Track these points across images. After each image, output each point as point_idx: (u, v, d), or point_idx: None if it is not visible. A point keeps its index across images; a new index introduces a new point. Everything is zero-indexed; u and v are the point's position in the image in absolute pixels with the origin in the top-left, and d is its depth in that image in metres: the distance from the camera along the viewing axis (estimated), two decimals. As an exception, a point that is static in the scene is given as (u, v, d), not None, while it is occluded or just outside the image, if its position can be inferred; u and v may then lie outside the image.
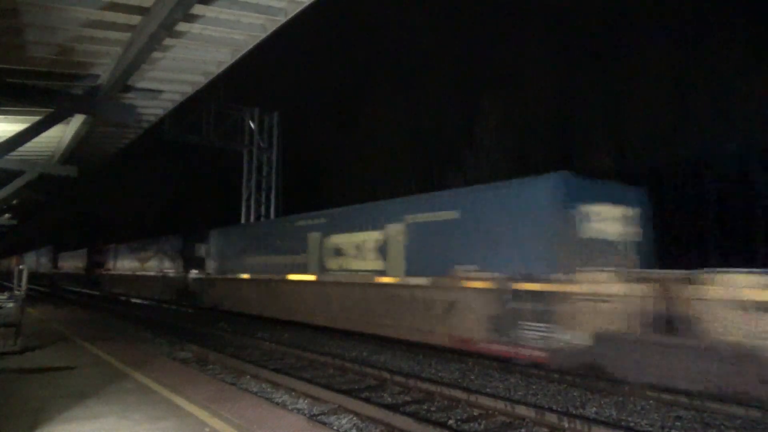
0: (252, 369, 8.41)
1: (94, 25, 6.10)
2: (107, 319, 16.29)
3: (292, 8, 6.23)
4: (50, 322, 13.64)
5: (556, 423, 5.60)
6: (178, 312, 19.38)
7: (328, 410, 6.31)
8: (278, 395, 7.09)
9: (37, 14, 5.74)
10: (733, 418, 5.98)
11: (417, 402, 6.79)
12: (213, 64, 7.80)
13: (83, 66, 7.28)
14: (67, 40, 6.46)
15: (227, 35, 6.85)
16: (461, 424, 5.91)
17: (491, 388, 7.49)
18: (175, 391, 6.16)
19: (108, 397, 5.87)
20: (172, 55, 7.32)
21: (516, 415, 5.99)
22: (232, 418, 5.14)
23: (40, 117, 8.13)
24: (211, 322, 15.50)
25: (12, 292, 9.55)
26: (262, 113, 22.59)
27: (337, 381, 7.96)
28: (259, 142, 22.49)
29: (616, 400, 6.77)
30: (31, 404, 5.53)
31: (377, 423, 5.78)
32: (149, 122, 10.59)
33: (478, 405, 6.41)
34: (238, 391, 6.61)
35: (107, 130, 10.77)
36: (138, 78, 7.93)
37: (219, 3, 6.05)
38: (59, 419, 5.02)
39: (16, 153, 9.71)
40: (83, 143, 10.95)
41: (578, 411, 6.31)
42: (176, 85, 8.61)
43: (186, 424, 4.92)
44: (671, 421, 5.97)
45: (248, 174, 22.58)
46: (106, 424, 4.93)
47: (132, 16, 5.98)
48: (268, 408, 5.72)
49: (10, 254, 57.07)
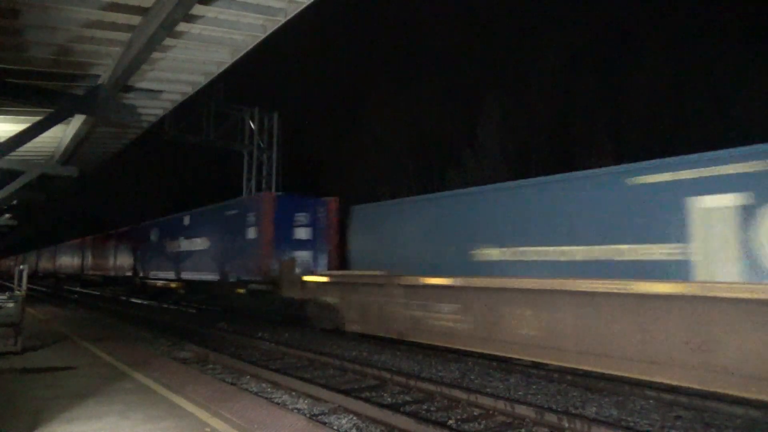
0: (252, 369, 8.41)
1: (94, 25, 6.10)
2: (107, 319, 16.28)
3: (292, 8, 6.23)
4: (50, 322, 13.65)
5: (556, 423, 5.60)
6: (178, 312, 19.38)
7: (328, 410, 6.32)
8: (278, 395, 7.10)
9: (37, 14, 5.74)
10: (733, 418, 5.98)
11: (417, 402, 6.79)
12: (213, 64, 7.80)
13: (83, 66, 7.28)
14: (67, 40, 6.46)
15: (227, 35, 6.85)
16: (461, 424, 5.91)
17: (491, 388, 7.49)
18: (176, 391, 6.16)
19: (108, 397, 5.88)
20: (172, 55, 7.32)
21: (516, 415, 5.99)
22: (232, 417, 5.14)
23: (40, 117, 8.12)
24: (211, 322, 15.49)
25: (12, 292, 9.54)
26: (262, 113, 22.60)
27: (337, 381, 7.96)
28: (259, 142, 22.49)
29: (616, 400, 6.77)
30: (32, 404, 5.54)
31: (377, 423, 5.78)
32: (149, 122, 10.59)
33: (478, 405, 6.41)
34: (238, 391, 6.61)
35: (107, 130, 10.77)
36: (138, 78, 7.93)
37: (219, 3, 6.05)
38: (60, 419, 5.03)
39: (16, 153, 9.70)
40: (83, 143, 10.94)
41: (578, 411, 6.31)
42: (176, 85, 8.61)
43: (186, 424, 4.92)
44: (671, 421, 5.97)
45: (248, 174, 22.58)
46: (106, 424, 4.93)
47: (132, 16, 5.97)
48: (268, 408, 5.72)
49: (16, 253, 57.51)
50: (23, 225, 35.73)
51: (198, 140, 21.25)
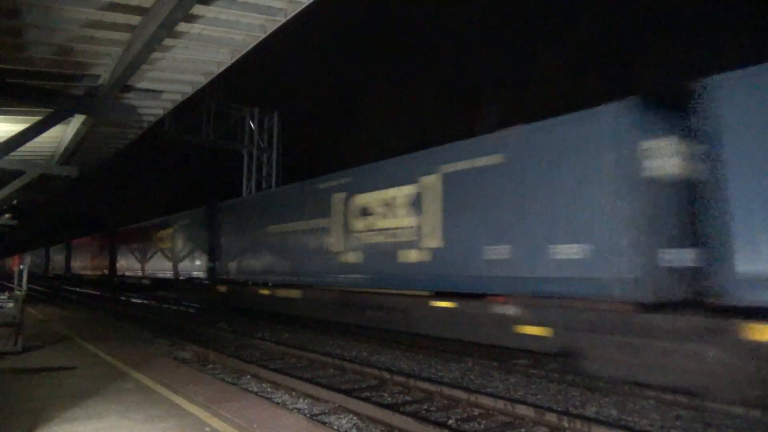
0: (252, 369, 8.41)
1: (94, 25, 6.10)
2: (107, 318, 16.28)
3: (292, 8, 6.23)
4: (51, 322, 13.65)
5: (556, 423, 5.60)
6: (178, 312, 19.39)
7: (329, 410, 6.32)
8: (278, 395, 7.10)
9: (37, 14, 5.74)
10: (733, 418, 5.98)
11: (417, 402, 6.80)
12: (213, 64, 7.80)
13: (83, 66, 7.28)
14: (67, 40, 6.46)
15: (227, 35, 6.85)
16: (461, 423, 5.91)
17: (491, 387, 7.49)
18: (176, 391, 6.16)
19: (108, 396, 5.88)
20: (172, 55, 7.32)
21: (516, 414, 5.99)
22: (232, 417, 5.15)
23: (40, 117, 8.13)
24: (211, 322, 15.50)
25: (12, 292, 9.54)
26: (262, 113, 22.59)
27: (337, 381, 7.96)
28: (259, 142, 22.49)
29: (616, 400, 6.77)
30: (32, 404, 5.54)
31: (377, 423, 5.78)
32: (149, 122, 10.60)
33: (478, 405, 6.41)
34: (238, 391, 6.61)
35: (107, 130, 10.77)
36: (138, 78, 7.93)
37: (219, 3, 6.05)
38: (60, 419, 5.03)
39: (16, 153, 9.70)
40: (83, 143, 10.95)
41: (578, 411, 6.31)
42: (176, 85, 8.61)
43: (186, 424, 4.92)
44: (671, 421, 5.97)
45: (248, 174, 22.58)
46: (106, 424, 4.93)
47: (132, 17, 5.98)
48: (269, 408, 5.72)
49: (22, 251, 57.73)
50: (24, 224, 35.79)
51: (198, 140, 21.23)
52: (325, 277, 12.45)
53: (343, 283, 11.93)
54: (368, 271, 11.13)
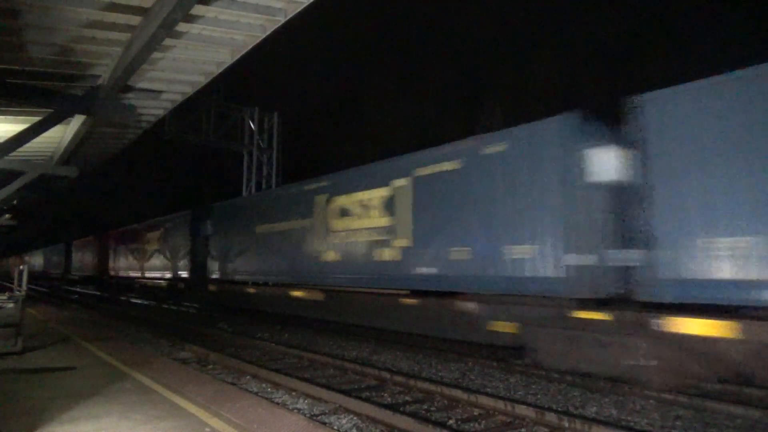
0: (252, 369, 8.41)
1: (94, 25, 6.10)
2: (107, 319, 16.29)
3: (292, 8, 6.23)
4: (51, 322, 13.65)
5: (556, 423, 5.60)
6: (178, 312, 19.39)
7: (329, 410, 6.31)
8: (278, 395, 7.09)
9: (37, 14, 5.74)
10: (733, 417, 5.98)
11: (417, 402, 6.79)
12: (213, 64, 7.80)
13: (83, 66, 7.28)
14: (67, 41, 6.46)
15: (227, 35, 6.85)
16: (461, 423, 5.91)
17: (491, 387, 7.49)
18: (176, 391, 6.16)
19: (108, 397, 5.88)
20: (172, 55, 7.32)
21: (516, 414, 5.99)
22: (232, 418, 5.14)
23: (40, 117, 8.13)
24: (211, 322, 15.51)
25: (12, 292, 9.54)
26: (262, 113, 22.59)
27: (337, 381, 7.96)
28: (259, 142, 22.48)
29: (616, 400, 6.77)
30: (32, 404, 5.54)
31: (377, 423, 5.78)
32: (149, 122, 10.59)
33: (478, 405, 6.41)
34: (238, 391, 6.61)
35: (107, 130, 10.78)
36: (138, 78, 7.93)
37: (219, 3, 6.05)
38: (60, 419, 5.02)
39: (16, 153, 9.70)
40: (83, 143, 10.95)
41: (578, 411, 6.31)
42: (176, 85, 8.61)
43: (186, 424, 4.92)
44: (671, 420, 5.97)
45: (248, 174, 22.58)
46: (106, 424, 4.93)
47: (132, 17, 5.98)
48: (269, 408, 5.72)
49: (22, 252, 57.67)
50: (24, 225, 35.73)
51: (198, 140, 21.24)
52: (308, 276, 12.96)
53: (325, 282, 12.46)
54: (348, 270, 11.71)
